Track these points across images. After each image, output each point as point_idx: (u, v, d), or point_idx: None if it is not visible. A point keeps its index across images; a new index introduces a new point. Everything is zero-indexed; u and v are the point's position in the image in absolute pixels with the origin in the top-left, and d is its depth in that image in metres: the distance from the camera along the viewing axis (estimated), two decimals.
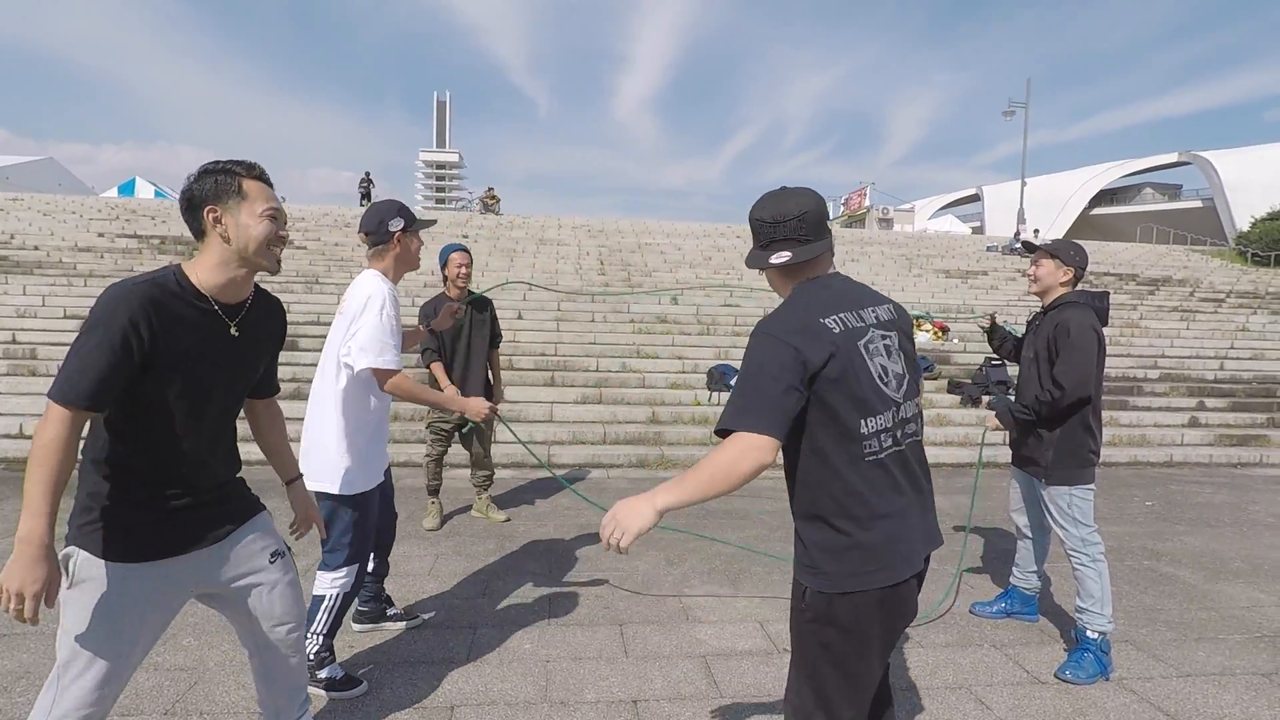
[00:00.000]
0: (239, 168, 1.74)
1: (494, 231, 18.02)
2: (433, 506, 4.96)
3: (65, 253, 13.08)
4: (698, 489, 1.48)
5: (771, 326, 1.55)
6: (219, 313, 1.74)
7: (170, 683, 2.72)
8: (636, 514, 1.53)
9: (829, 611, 1.57)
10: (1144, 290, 16.89)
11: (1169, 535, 5.22)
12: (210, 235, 1.71)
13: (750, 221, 1.69)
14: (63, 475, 1.51)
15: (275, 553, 1.94)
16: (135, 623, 1.65)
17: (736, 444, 1.46)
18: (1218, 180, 40.85)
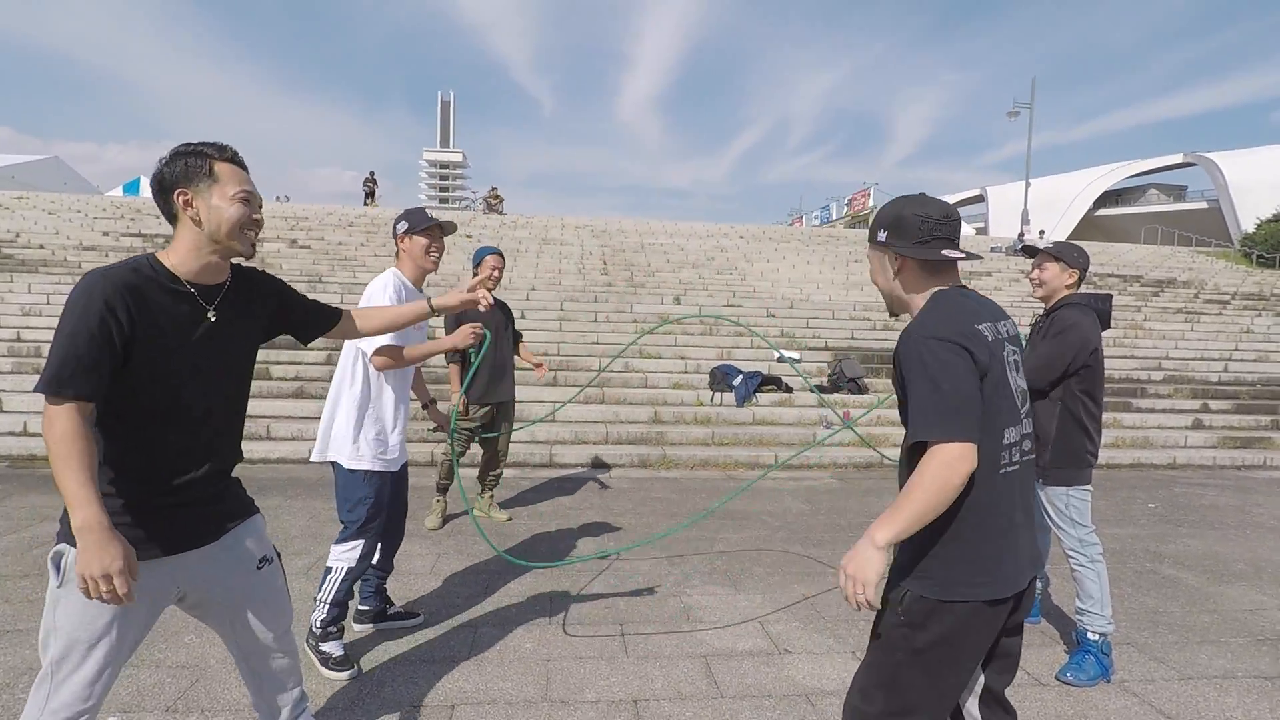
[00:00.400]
0: (210, 149, 1.71)
1: (497, 231, 18.03)
2: (437, 505, 4.98)
3: (70, 251, 13.12)
4: (915, 513, 1.45)
5: (935, 330, 1.52)
6: (195, 296, 1.71)
7: (172, 680, 2.73)
8: (867, 562, 1.49)
9: (928, 618, 1.54)
10: (1148, 292, 16.84)
11: (1172, 537, 5.21)
12: (181, 219, 1.69)
13: (908, 217, 1.63)
14: (90, 460, 1.50)
15: (264, 559, 1.90)
16: (126, 620, 1.64)
17: (939, 457, 1.44)
18: (1223, 181, 40.69)
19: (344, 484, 2.83)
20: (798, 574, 4.16)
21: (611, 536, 4.78)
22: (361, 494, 2.81)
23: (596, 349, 10.10)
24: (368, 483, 2.82)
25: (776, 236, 21.46)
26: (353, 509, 2.82)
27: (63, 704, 1.60)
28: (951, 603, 1.53)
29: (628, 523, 5.14)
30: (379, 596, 3.24)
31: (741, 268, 16.29)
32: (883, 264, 1.69)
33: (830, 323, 12.19)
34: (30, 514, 4.87)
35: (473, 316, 4.71)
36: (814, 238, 21.93)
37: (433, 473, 6.44)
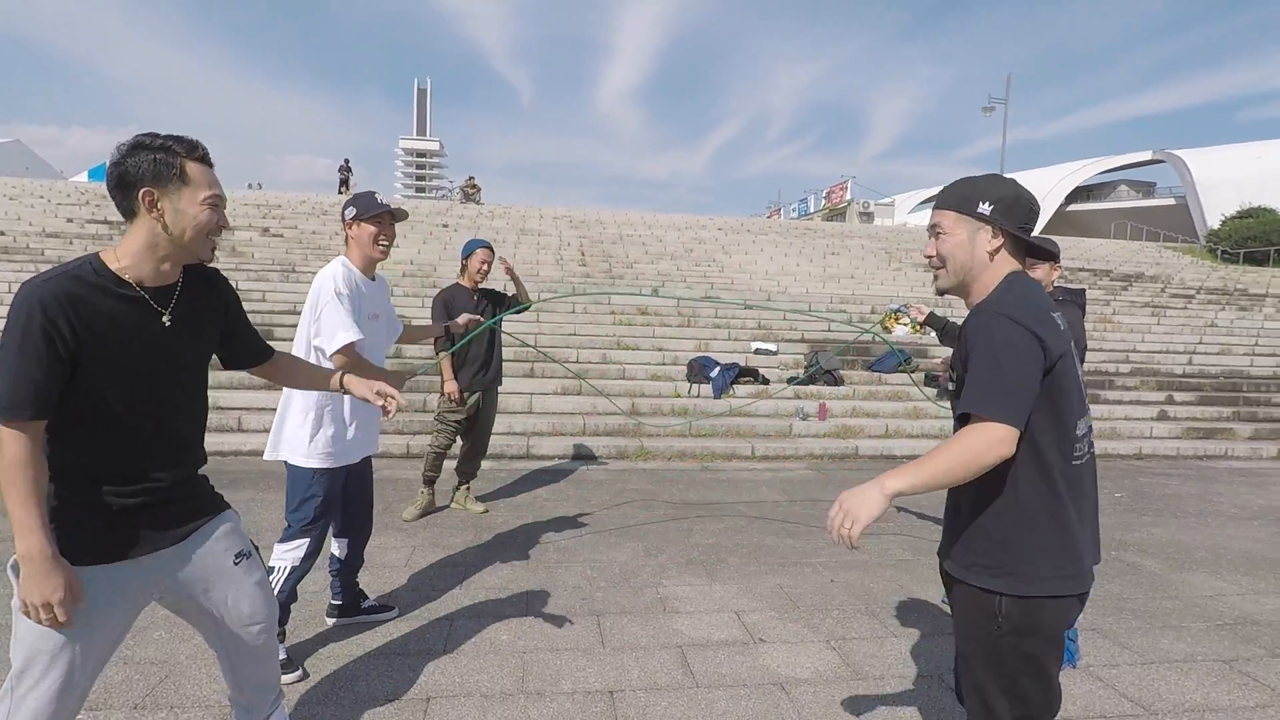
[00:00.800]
0: (179, 147, 1.61)
1: (474, 221, 17.87)
2: (422, 497, 4.93)
3: (33, 238, 12.77)
4: (935, 475, 1.43)
5: (1010, 310, 1.49)
6: (147, 299, 1.63)
7: (140, 676, 2.68)
8: (866, 500, 1.45)
9: (1032, 619, 1.50)
10: (1117, 286, 17.17)
11: (1136, 526, 5.33)
12: (142, 219, 1.59)
13: (1022, 197, 1.61)
14: (39, 487, 1.47)
15: (240, 553, 1.86)
16: (91, 628, 1.58)
17: (984, 434, 1.41)
18: (1190, 178, 41.54)
19: (292, 481, 2.77)
20: (773, 564, 4.19)
21: (589, 529, 4.78)
22: (310, 492, 2.74)
23: (574, 340, 10.07)
24: (317, 481, 2.75)
25: (754, 229, 21.52)
26: (299, 507, 2.75)
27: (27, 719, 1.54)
28: (1047, 599, 1.50)
29: (605, 514, 5.14)
30: (351, 590, 3.20)
31: (719, 259, 16.31)
32: (973, 236, 1.62)
33: (807, 315, 12.26)
34: None
35: (463, 304, 4.69)
36: (791, 230, 22.04)
37: (407, 464, 6.39)
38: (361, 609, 3.24)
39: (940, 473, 1.43)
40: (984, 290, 1.63)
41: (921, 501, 5.79)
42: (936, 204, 1.67)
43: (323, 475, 2.76)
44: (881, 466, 7.30)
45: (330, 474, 2.78)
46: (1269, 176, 38.10)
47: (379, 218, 2.85)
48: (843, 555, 4.39)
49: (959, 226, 1.63)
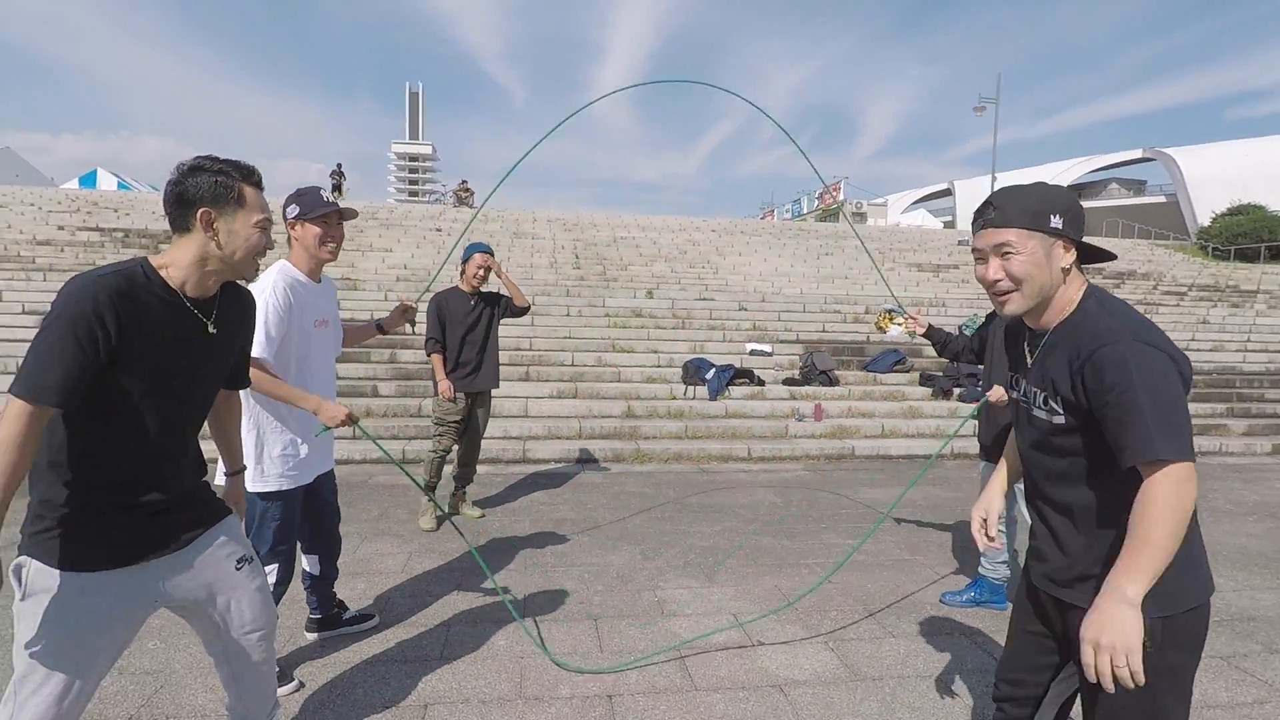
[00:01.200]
0: (236, 172, 1.70)
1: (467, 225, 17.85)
2: (429, 506, 4.76)
3: (24, 246, 12.70)
4: (1163, 550, 1.31)
5: (1146, 336, 1.40)
6: (192, 309, 1.69)
7: (135, 686, 2.66)
8: (1124, 625, 1.31)
9: (1175, 633, 1.44)
10: (1109, 284, 17.25)
11: None
12: (196, 234, 1.66)
13: (1079, 207, 1.54)
14: (16, 476, 1.44)
15: (242, 559, 1.89)
16: (94, 634, 1.59)
17: (1173, 477, 1.31)
18: (1180, 176, 41.78)
19: (248, 509, 2.54)
20: (770, 565, 4.19)
21: (585, 533, 4.77)
22: (267, 517, 2.60)
23: (569, 343, 10.07)
24: (275, 505, 2.61)
25: (748, 230, 21.56)
26: (258, 533, 2.60)
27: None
28: (1193, 609, 1.46)
29: (602, 518, 5.13)
30: (329, 603, 3.09)
31: (714, 261, 16.34)
32: (1050, 252, 1.50)
33: (801, 316, 12.29)
34: None
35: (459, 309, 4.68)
36: (785, 231, 22.09)
37: (390, 471, 6.37)
38: (342, 622, 3.14)
39: (1166, 544, 1.31)
40: (1063, 309, 1.54)
41: (920, 506, 5.81)
42: (995, 222, 1.52)
43: (278, 499, 2.61)
44: (878, 466, 7.31)
45: (285, 496, 2.62)
46: (1258, 174, 38.40)
47: (325, 217, 2.62)
48: (839, 556, 4.39)
49: (1031, 243, 1.49)
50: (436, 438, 4.83)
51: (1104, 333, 1.42)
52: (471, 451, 4.99)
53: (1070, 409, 1.48)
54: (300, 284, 2.63)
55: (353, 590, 3.64)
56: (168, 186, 1.67)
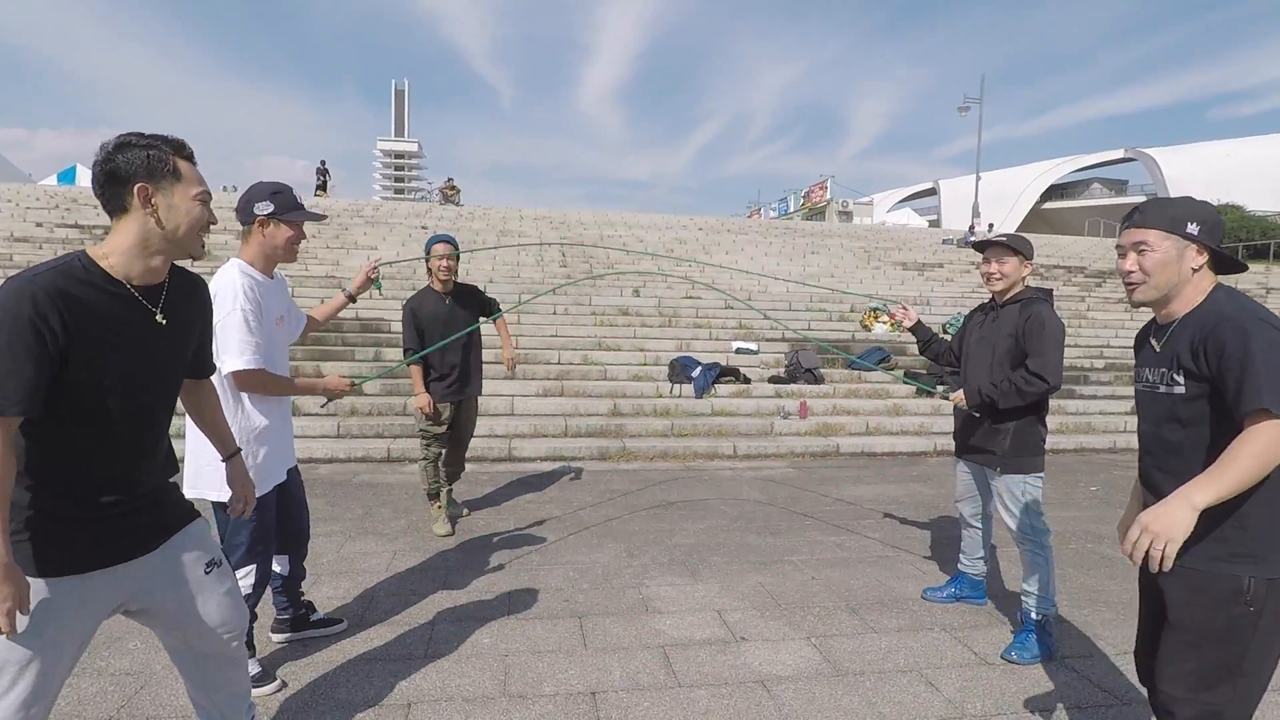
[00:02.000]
0: (166, 145, 1.63)
1: (454, 223, 17.77)
2: (438, 511, 4.66)
3: (1, 243, 12.52)
4: (1240, 479, 1.50)
5: (1269, 318, 1.62)
6: (138, 298, 1.62)
7: (115, 688, 2.64)
8: (1178, 521, 1.51)
9: (1275, 597, 1.59)
10: (1091, 283, 17.44)
11: (1112, 519, 5.42)
12: (134, 214, 1.59)
13: (1219, 219, 1.77)
14: (5, 487, 1.43)
15: (211, 562, 1.85)
16: (60, 639, 1.56)
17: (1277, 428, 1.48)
18: (1161, 176, 42.33)
19: (220, 518, 2.56)
20: (755, 563, 4.21)
21: (570, 531, 4.77)
22: (242, 521, 2.50)
23: (555, 342, 10.05)
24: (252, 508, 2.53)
25: (735, 228, 21.61)
26: (234, 535, 2.55)
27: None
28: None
29: (587, 516, 5.14)
30: (297, 604, 3.04)
31: (700, 260, 16.36)
32: (1180, 253, 1.73)
33: (787, 314, 12.34)
34: None
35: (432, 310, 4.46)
36: (771, 230, 22.16)
37: (387, 469, 6.34)
38: (309, 624, 3.09)
39: (1246, 477, 1.50)
40: (1188, 303, 1.75)
41: (904, 502, 5.85)
42: (1137, 223, 1.79)
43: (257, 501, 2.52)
44: (862, 464, 7.36)
45: (265, 498, 2.57)
46: (1238, 174, 38.95)
47: (300, 225, 2.65)
48: (823, 553, 4.42)
49: (1166, 243, 1.74)
50: (424, 447, 4.63)
51: (1227, 313, 1.64)
52: (457, 456, 4.86)
53: (1191, 378, 1.68)
54: (259, 283, 2.60)
55: (336, 589, 3.63)
56: (95, 166, 1.59)
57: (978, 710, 2.65)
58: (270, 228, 2.59)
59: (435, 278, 4.50)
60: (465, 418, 4.76)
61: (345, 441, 7.03)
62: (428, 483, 4.66)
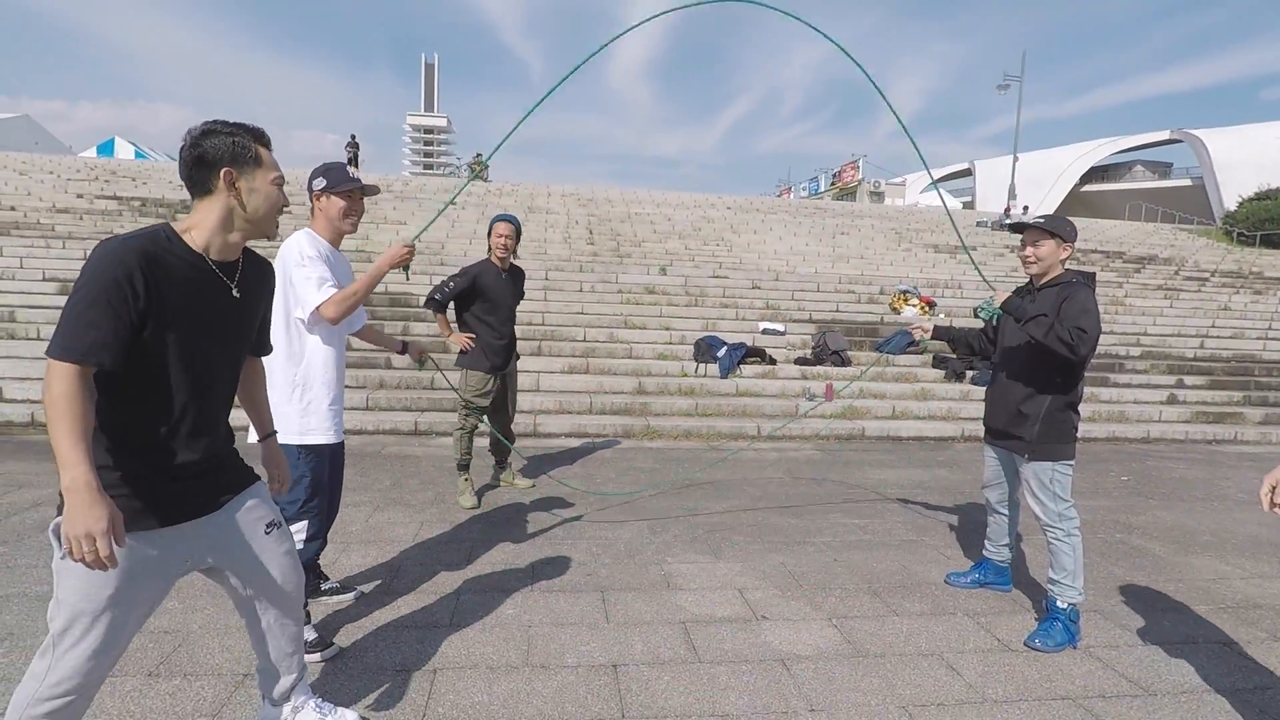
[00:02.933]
0: (248, 134, 1.75)
1: (482, 199, 17.82)
2: (465, 484, 4.76)
3: (43, 214, 12.82)
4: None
5: None
6: (217, 272, 1.73)
7: (154, 644, 2.74)
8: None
9: None
10: (1130, 268, 17.00)
11: (1142, 509, 5.33)
12: (219, 196, 1.71)
13: None
14: (85, 423, 1.48)
15: (271, 523, 1.94)
16: (131, 593, 1.64)
17: None
18: (1208, 159, 40.90)
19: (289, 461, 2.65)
20: (777, 543, 4.22)
21: (594, 506, 4.82)
22: (298, 473, 2.65)
23: (581, 319, 10.08)
24: (305, 460, 2.68)
25: (763, 208, 21.38)
26: (291, 489, 2.61)
27: (63, 677, 1.59)
28: None
29: (611, 491, 5.18)
30: (314, 572, 3.09)
31: (728, 239, 16.23)
32: None
33: (815, 295, 12.22)
34: (7, 481, 4.83)
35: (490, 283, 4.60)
36: (801, 210, 21.88)
37: (414, 441, 6.44)
38: (321, 591, 3.16)
39: None
40: None
41: (929, 487, 5.81)
42: None
43: (310, 453, 2.70)
44: (888, 448, 7.31)
45: (318, 452, 2.72)
46: None
47: (350, 192, 2.78)
48: (846, 535, 4.41)
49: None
50: (464, 416, 4.71)
51: None
52: (505, 429, 4.95)
53: None
54: (326, 248, 2.77)
55: (364, 557, 3.71)
56: (184, 151, 1.70)
57: (999, 695, 2.64)
58: (324, 200, 2.78)
59: (494, 254, 4.67)
60: (511, 389, 4.91)
61: (374, 414, 7.15)
62: (460, 454, 4.74)
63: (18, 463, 5.29)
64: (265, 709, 2.14)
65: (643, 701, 2.51)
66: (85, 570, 1.55)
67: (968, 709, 2.54)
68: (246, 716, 2.31)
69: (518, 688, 2.56)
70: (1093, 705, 2.59)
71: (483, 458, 5.31)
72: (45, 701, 1.59)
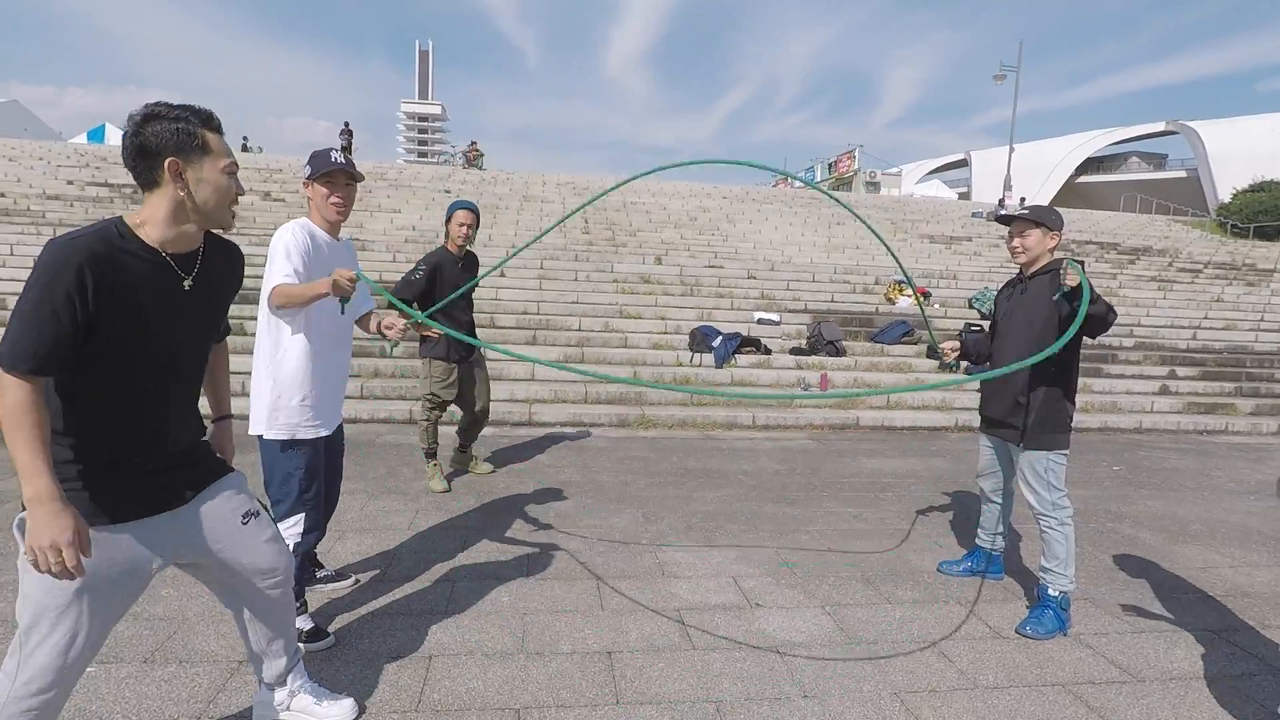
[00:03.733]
0: (194, 118, 1.65)
1: (477, 187, 17.73)
2: (434, 469, 4.82)
3: (34, 200, 12.72)
4: None
5: None
6: (171, 265, 1.67)
7: (150, 631, 2.74)
8: None
9: None
10: (1124, 259, 17.04)
11: (1133, 499, 5.37)
12: (166, 188, 1.63)
13: None
14: (43, 431, 1.46)
15: (248, 513, 1.91)
16: (98, 588, 1.61)
17: None
18: (1203, 151, 40.94)
19: (270, 459, 2.63)
20: (771, 531, 4.24)
21: (589, 495, 4.83)
22: (289, 467, 2.61)
23: (577, 309, 10.07)
24: (296, 454, 2.62)
25: (759, 198, 21.33)
26: (282, 484, 2.63)
27: (33, 675, 1.57)
28: None
29: (605, 480, 5.19)
30: (308, 560, 3.03)
31: (724, 229, 16.20)
32: None
33: (810, 285, 12.22)
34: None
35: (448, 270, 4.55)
36: (796, 199, 21.84)
37: (409, 430, 6.43)
38: (316, 579, 3.15)
39: None
40: None
41: (923, 476, 5.84)
42: None
43: (300, 448, 2.63)
44: (882, 437, 7.34)
45: (306, 445, 2.65)
46: None
47: (330, 176, 2.69)
48: (840, 524, 4.43)
49: None
50: (428, 409, 4.75)
51: None
52: (482, 419, 4.99)
53: None
54: (318, 237, 2.69)
55: (359, 546, 3.71)
56: (125, 139, 1.63)
57: (990, 682, 2.67)
58: (311, 188, 2.73)
59: (453, 241, 4.60)
60: (482, 379, 4.89)
61: (369, 403, 7.14)
62: (426, 442, 4.81)
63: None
64: (261, 692, 2.15)
65: (637, 688, 2.52)
66: None
67: (959, 695, 2.57)
68: (242, 703, 2.32)
69: (513, 674, 2.58)
70: (1083, 691, 2.62)
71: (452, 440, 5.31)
72: (21, 700, 1.57)
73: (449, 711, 2.35)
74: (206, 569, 1.88)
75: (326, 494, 2.93)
